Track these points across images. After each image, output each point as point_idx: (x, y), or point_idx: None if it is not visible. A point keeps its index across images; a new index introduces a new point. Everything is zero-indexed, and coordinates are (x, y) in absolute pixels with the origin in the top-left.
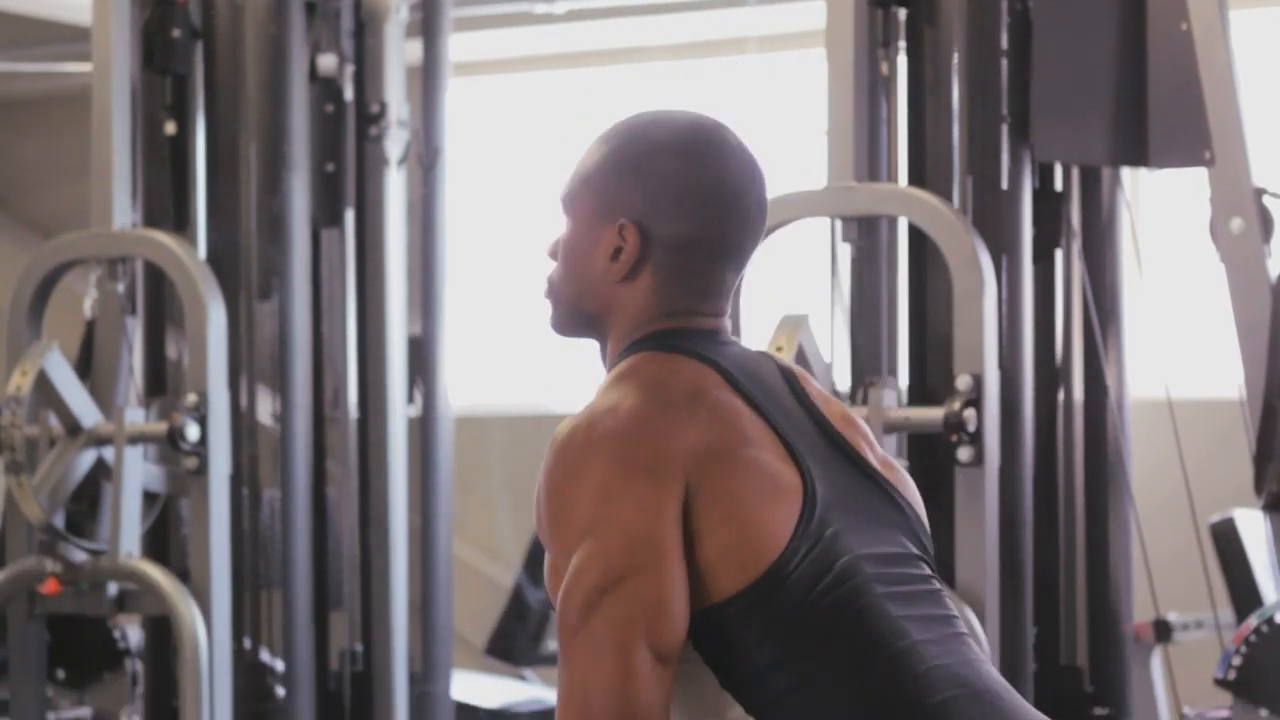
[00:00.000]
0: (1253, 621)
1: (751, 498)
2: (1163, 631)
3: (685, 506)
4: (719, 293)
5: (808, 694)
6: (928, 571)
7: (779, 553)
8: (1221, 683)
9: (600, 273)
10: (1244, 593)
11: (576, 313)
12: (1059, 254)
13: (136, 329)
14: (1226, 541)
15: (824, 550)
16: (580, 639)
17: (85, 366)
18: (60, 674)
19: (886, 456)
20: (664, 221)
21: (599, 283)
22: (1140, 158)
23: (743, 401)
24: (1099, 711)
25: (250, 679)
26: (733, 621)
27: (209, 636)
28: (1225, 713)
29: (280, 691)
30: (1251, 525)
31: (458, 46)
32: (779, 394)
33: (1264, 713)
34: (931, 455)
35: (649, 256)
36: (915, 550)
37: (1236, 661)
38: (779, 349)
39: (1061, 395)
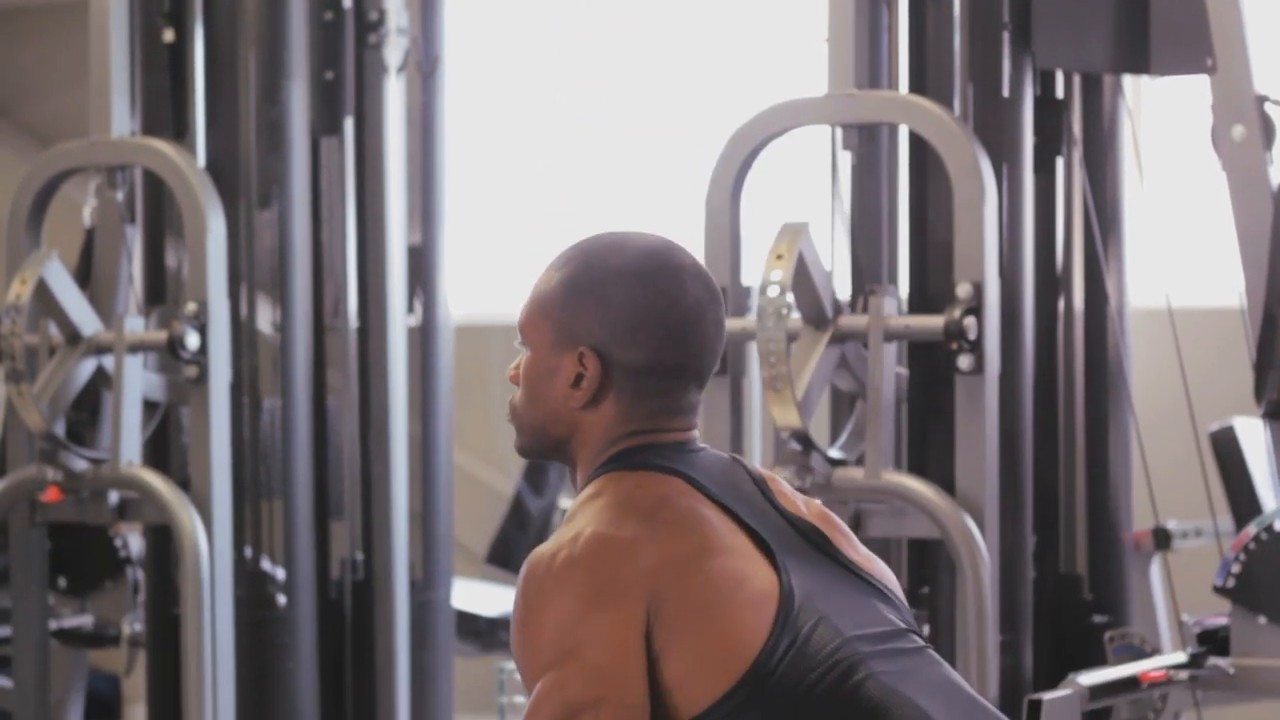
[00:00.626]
0: (1252, 529)
1: (719, 604)
2: (1162, 539)
3: (649, 627)
4: (684, 409)
5: None
6: (921, 643)
7: (758, 651)
8: (1220, 590)
9: (563, 399)
10: (1243, 501)
11: (543, 438)
12: (1060, 162)
13: (136, 237)
14: (1226, 449)
15: (808, 639)
16: None
17: (85, 275)
18: (62, 582)
19: (868, 552)
20: (623, 347)
21: (562, 409)
22: (1142, 65)
23: (712, 506)
24: (1098, 619)
25: (251, 587)
26: None
27: (210, 545)
28: (1224, 620)
29: (281, 600)
30: (1251, 433)
31: None
32: (751, 497)
33: (1262, 620)
34: (932, 363)
35: (611, 382)
36: (903, 625)
37: (1235, 569)
38: (779, 256)
39: (1062, 304)
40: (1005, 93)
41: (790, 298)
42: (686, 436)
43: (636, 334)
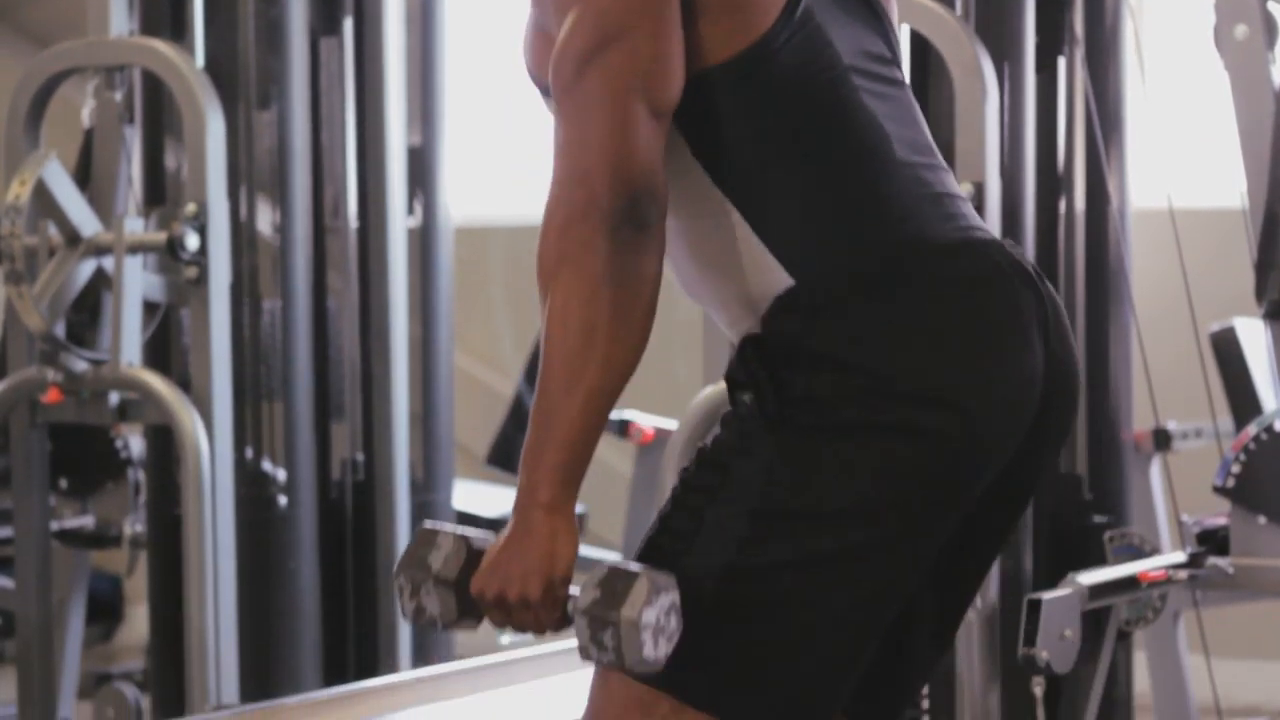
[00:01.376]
0: (1252, 429)
1: None
2: (1162, 440)
3: None
4: None
5: (785, 169)
6: (901, 77)
7: (764, 31)
8: (1220, 490)
9: None
10: (1243, 401)
11: None
12: (1061, 61)
13: (135, 138)
14: (1226, 350)
15: (807, 37)
16: (576, 93)
17: (84, 176)
18: (63, 483)
19: None
20: None
21: None
22: None
23: None
24: (1097, 519)
25: (252, 488)
26: (714, 90)
27: (210, 446)
28: (1223, 520)
29: (282, 500)
30: (1252, 334)
31: None
32: None
33: (1262, 520)
34: None
35: None
36: (889, 55)
37: (1235, 469)
38: None
39: (1063, 204)
40: None
41: None
42: None
43: None
